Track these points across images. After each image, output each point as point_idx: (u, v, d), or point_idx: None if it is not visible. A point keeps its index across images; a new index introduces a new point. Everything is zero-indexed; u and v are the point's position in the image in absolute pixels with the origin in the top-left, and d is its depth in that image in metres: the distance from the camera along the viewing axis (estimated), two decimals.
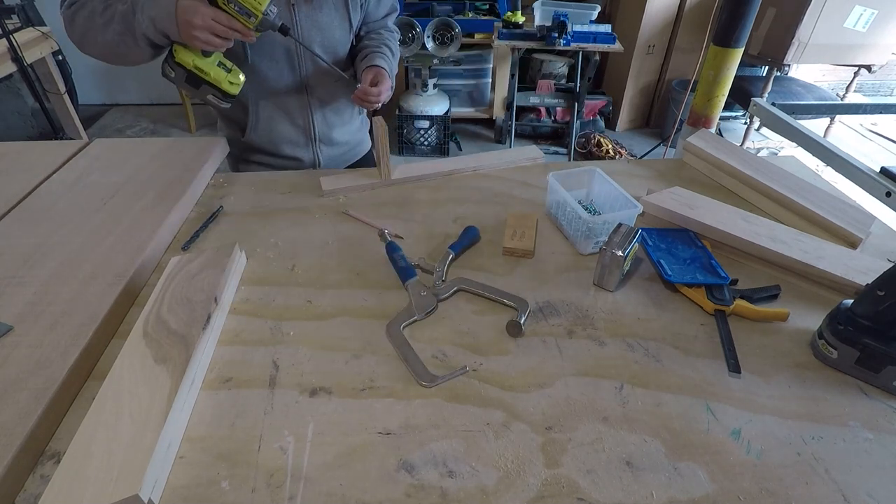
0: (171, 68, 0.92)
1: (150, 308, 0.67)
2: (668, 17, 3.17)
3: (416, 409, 0.60)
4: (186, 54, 0.90)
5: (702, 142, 1.12)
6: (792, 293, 0.78)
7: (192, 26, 0.83)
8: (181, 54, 0.90)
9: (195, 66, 0.91)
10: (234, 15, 0.86)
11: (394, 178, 1.05)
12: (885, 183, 1.10)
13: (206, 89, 0.95)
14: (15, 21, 2.36)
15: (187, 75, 0.92)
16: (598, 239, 0.84)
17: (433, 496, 0.52)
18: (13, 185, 0.96)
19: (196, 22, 0.83)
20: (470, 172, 1.10)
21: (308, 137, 1.17)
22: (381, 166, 1.03)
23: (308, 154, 1.20)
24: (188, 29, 0.84)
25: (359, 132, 1.29)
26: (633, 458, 0.55)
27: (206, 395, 0.62)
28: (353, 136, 1.26)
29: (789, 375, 0.65)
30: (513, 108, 3.13)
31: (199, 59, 0.91)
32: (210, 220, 0.93)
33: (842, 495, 0.52)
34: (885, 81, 4.19)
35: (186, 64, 0.91)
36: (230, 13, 0.86)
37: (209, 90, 0.95)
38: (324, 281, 0.80)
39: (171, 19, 0.83)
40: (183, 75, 0.92)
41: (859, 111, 1.60)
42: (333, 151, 1.23)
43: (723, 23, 1.35)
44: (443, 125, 3.11)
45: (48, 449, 0.56)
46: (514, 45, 2.80)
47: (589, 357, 0.67)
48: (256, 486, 0.52)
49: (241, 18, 0.87)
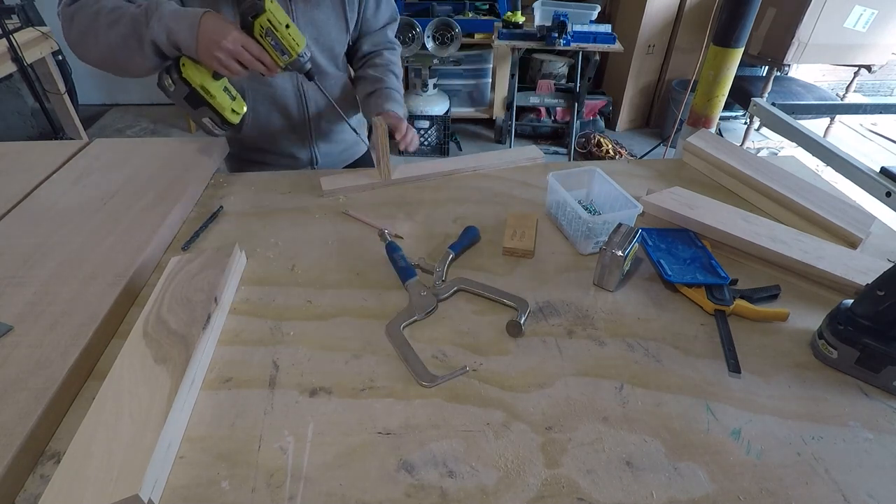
0: (172, 82, 0.86)
1: (150, 308, 0.67)
2: (668, 17, 3.17)
3: (416, 409, 0.60)
4: (196, 72, 0.86)
5: (702, 142, 1.12)
6: (792, 293, 0.78)
7: (218, 46, 0.79)
8: (189, 70, 0.85)
9: (201, 86, 0.87)
10: (268, 48, 0.83)
11: (394, 178, 1.05)
12: (885, 183, 1.10)
13: (205, 111, 0.90)
14: (15, 21, 2.36)
15: (189, 93, 0.88)
16: (598, 239, 0.84)
17: (433, 496, 0.52)
18: (13, 185, 0.96)
19: (224, 44, 0.79)
20: (470, 172, 1.10)
21: (305, 135, 1.17)
22: (380, 166, 1.03)
23: (305, 152, 1.20)
24: (211, 48, 0.80)
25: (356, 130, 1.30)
26: (633, 458, 0.55)
27: (206, 395, 0.62)
28: (351, 133, 1.26)
29: (789, 375, 0.65)
30: (513, 108, 3.13)
31: (207, 79, 0.86)
32: (210, 220, 0.93)
33: (842, 495, 0.52)
34: (885, 81, 4.19)
35: (192, 81, 0.86)
36: (263, 45, 0.83)
37: (207, 113, 0.90)
38: (324, 281, 0.80)
39: (192, 33, 0.80)
40: (184, 92, 0.87)
41: (859, 111, 1.61)
42: (331, 149, 1.23)
43: (723, 23, 1.35)
44: (443, 125, 3.11)
45: (48, 449, 0.56)
46: (514, 45, 2.80)
47: (589, 357, 0.67)
48: (256, 486, 0.52)
49: (273, 53, 0.84)
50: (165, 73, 0.87)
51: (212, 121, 0.91)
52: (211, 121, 0.91)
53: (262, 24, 0.81)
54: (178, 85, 0.86)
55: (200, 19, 0.80)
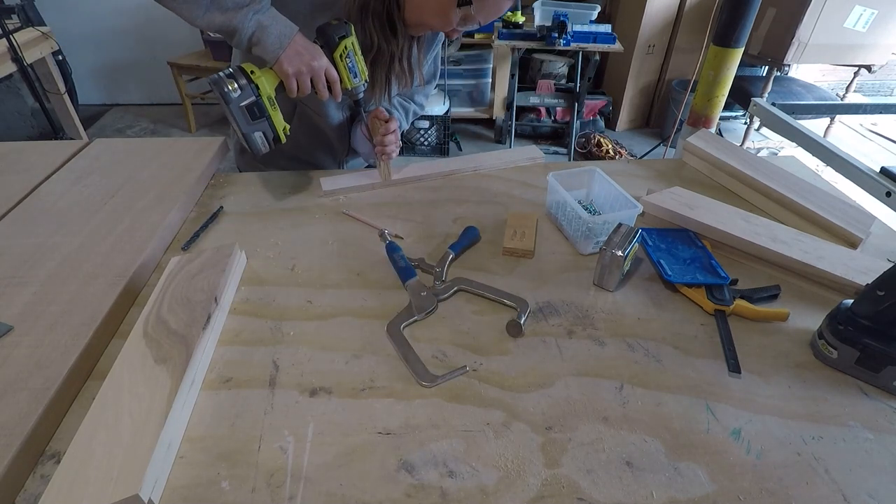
0: (239, 87, 0.78)
1: (150, 308, 0.67)
2: (668, 17, 3.17)
3: (416, 409, 0.60)
4: (267, 82, 0.80)
5: (702, 142, 1.12)
6: (792, 293, 0.78)
7: (305, 63, 0.79)
8: (262, 78, 0.79)
9: (269, 97, 0.81)
10: (343, 71, 0.83)
11: (394, 178, 1.05)
12: (885, 183, 1.10)
13: (261, 125, 0.82)
14: (15, 21, 2.36)
15: (253, 102, 0.80)
16: (598, 239, 0.84)
17: (433, 496, 0.52)
18: (13, 185, 0.96)
19: (313, 64, 0.79)
20: (470, 172, 1.10)
21: (340, 158, 1.19)
22: (381, 167, 1.03)
23: (335, 165, 1.21)
24: (297, 62, 0.78)
25: None
26: (633, 458, 0.55)
27: (206, 395, 0.62)
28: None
29: (789, 375, 0.65)
30: (513, 108, 3.13)
31: (273, 92, 0.82)
32: (210, 220, 0.93)
33: (842, 495, 0.52)
34: (885, 81, 4.19)
35: (263, 89, 0.80)
36: (340, 69, 0.83)
37: (263, 127, 0.83)
38: (324, 281, 0.80)
39: (282, 42, 0.77)
40: (248, 98, 0.79)
41: (859, 111, 1.61)
42: (357, 161, 1.26)
43: (723, 23, 1.35)
44: (443, 125, 3.11)
45: (48, 449, 0.56)
46: (514, 45, 2.80)
47: (589, 357, 0.67)
48: (256, 486, 0.52)
49: (345, 76, 0.84)
50: (228, 78, 0.79)
51: (264, 136, 0.84)
52: (263, 136, 0.84)
53: (346, 46, 0.82)
54: (244, 91, 0.79)
55: (295, 35, 0.79)
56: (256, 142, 0.83)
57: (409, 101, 1.17)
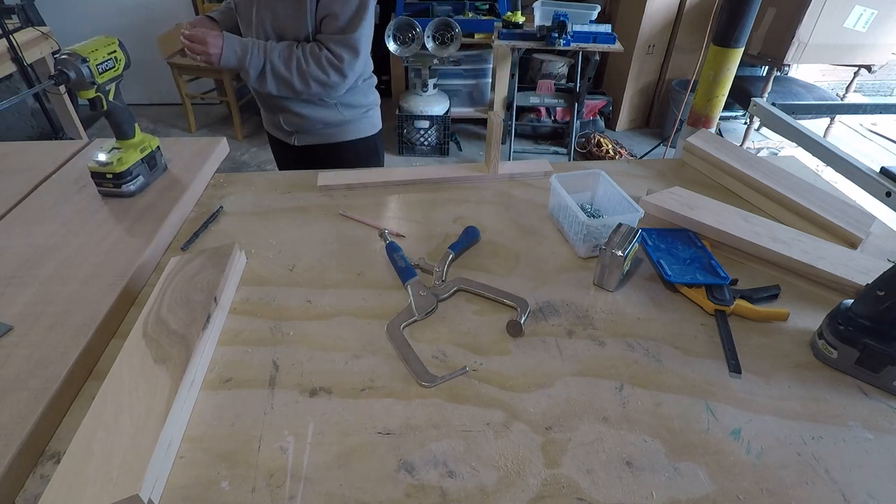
0: None
1: (150, 308, 0.67)
2: (668, 17, 3.17)
3: (416, 409, 0.60)
4: None
5: (702, 142, 1.12)
6: (792, 293, 0.78)
7: None
8: None
9: None
10: None
11: (394, 178, 1.05)
12: (885, 183, 1.10)
13: None
14: (15, 21, 2.36)
15: None
16: (597, 242, 0.84)
17: (433, 496, 0.52)
18: (13, 185, 0.96)
19: None
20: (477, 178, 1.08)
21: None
22: (488, 159, 1.04)
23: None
24: None
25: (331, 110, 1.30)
26: (633, 458, 0.55)
27: (206, 395, 0.62)
28: (322, 113, 1.31)
29: (789, 375, 0.65)
30: (513, 108, 3.13)
31: None
32: (210, 220, 0.93)
33: (842, 495, 0.52)
34: (885, 81, 4.19)
35: None
36: None
37: None
38: (324, 281, 0.80)
39: None
40: None
41: (859, 111, 1.60)
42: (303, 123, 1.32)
43: (723, 23, 1.35)
44: (443, 125, 3.11)
45: (48, 449, 0.56)
46: (514, 45, 2.80)
47: (589, 357, 0.67)
48: (256, 486, 0.52)
49: None
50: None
51: None
52: None
53: None
54: None
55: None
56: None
57: (322, 46, 1.14)
